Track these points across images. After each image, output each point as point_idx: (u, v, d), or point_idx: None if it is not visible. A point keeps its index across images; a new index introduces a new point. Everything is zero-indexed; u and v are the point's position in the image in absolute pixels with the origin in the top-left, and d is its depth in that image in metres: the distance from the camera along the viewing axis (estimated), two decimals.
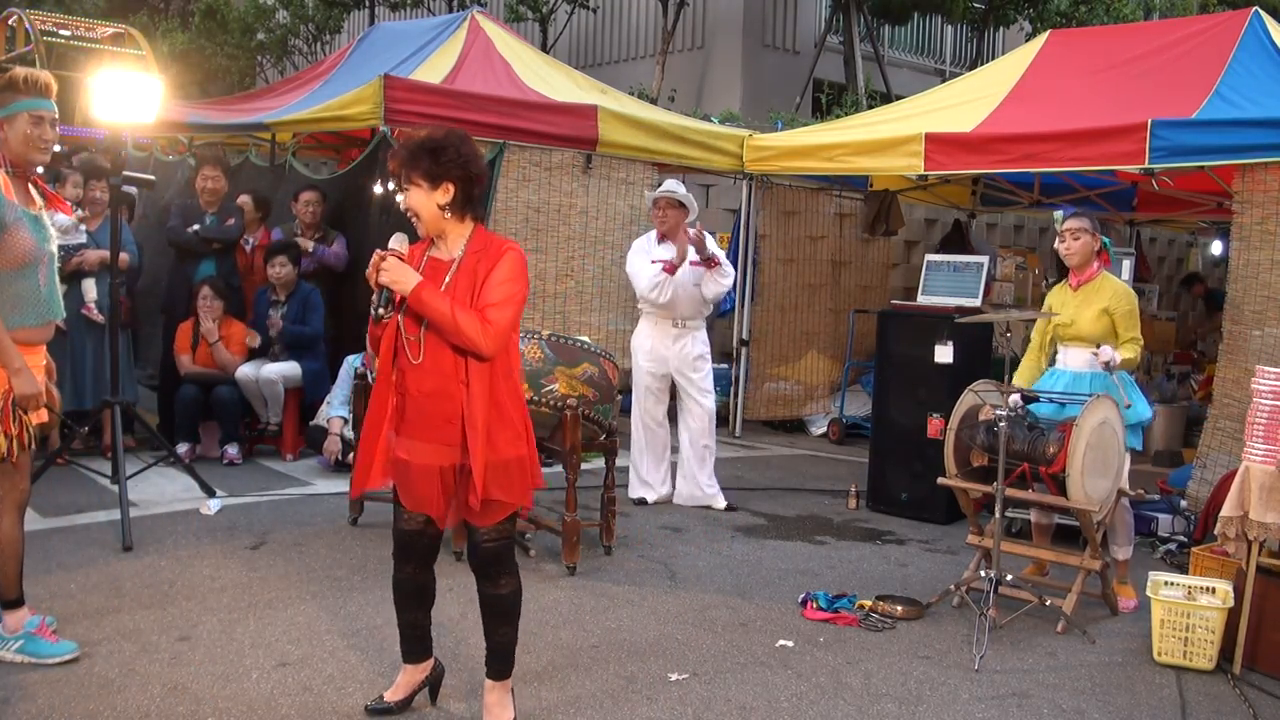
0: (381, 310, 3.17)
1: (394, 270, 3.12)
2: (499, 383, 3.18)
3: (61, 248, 6.44)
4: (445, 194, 3.15)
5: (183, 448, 6.73)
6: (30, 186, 3.72)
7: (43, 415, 3.74)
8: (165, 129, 8.81)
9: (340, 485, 6.26)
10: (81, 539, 5.19)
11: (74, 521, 5.48)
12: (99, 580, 4.61)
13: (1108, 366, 4.74)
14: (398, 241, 3.23)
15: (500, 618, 3.35)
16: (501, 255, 3.18)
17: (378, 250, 3.19)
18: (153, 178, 7.72)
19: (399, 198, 3.27)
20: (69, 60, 8.61)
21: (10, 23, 8.20)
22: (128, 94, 5.32)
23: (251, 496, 6.20)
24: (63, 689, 3.53)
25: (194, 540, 5.29)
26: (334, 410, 6.80)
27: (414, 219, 3.20)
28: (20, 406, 3.57)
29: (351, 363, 6.80)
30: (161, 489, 6.16)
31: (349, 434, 6.56)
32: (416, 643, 3.50)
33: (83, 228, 6.56)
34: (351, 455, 5.89)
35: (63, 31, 8.02)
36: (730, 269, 6.40)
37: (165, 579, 4.67)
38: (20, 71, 3.65)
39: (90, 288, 6.53)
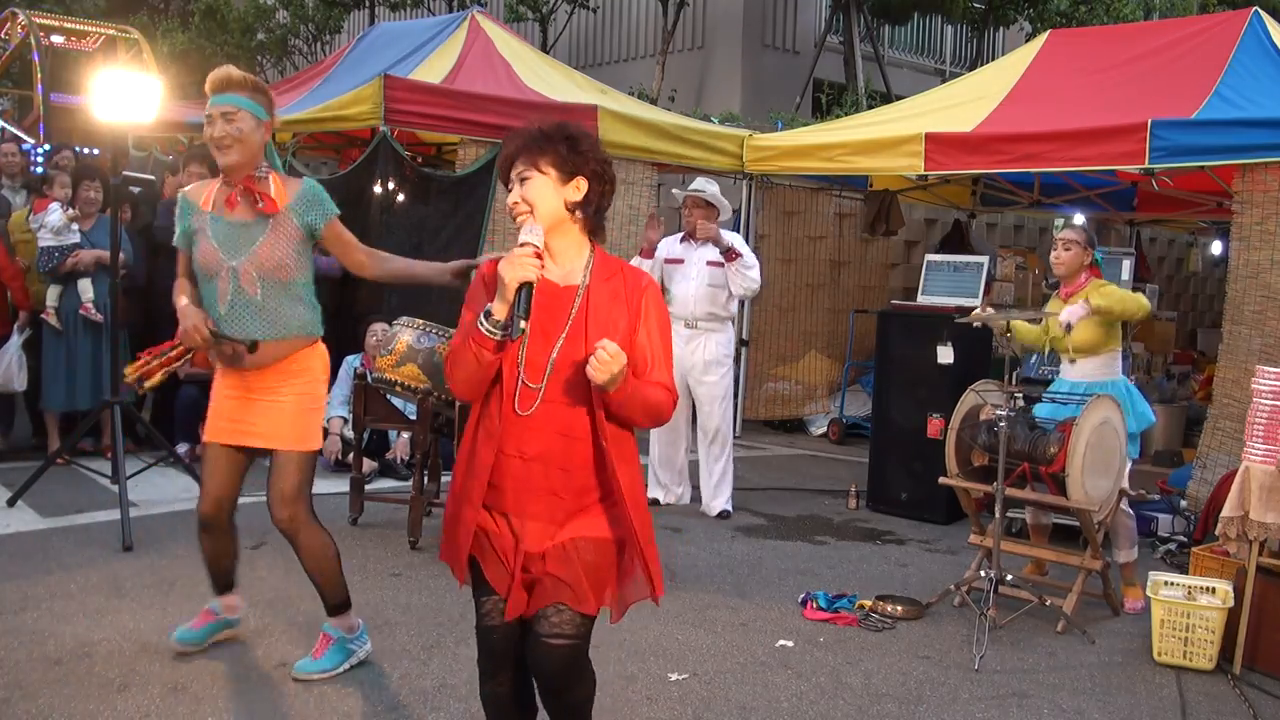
0: (524, 324, 2.42)
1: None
2: (630, 441, 2.58)
3: (56, 249, 6.49)
4: (577, 190, 2.51)
5: (183, 448, 6.73)
6: (243, 192, 3.51)
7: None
8: (165, 129, 8.81)
9: (340, 485, 6.26)
10: (81, 539, 5.19)
11: (74, 521, 5.47)
12: (99, 580, 4.60)
13: (1069, 329, 4.76)
14: (532, 233, 2.46)
15: None
16: (644, 291, 2.54)
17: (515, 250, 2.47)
18: (153, 178, 7.77)
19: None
20: (68, 60, 8.62)
21: (9, 23, 8.21)
22: (127, 94, 5.31)
23: (251, 496, 6.17)
24: (63, 689, 3.53)
25: (194, 540, 5.24)
26: (333, 410, 6.79)
27: (521, 217, 2.50)
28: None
29: (350, 363, 6.81)
30: (161, 489, 6.16)
31: (348, 434, 6.57)
32: None
33: (75, 227, 6.56)
34: (351, 455, 5.90)
35: (57, 36, 8.03)
36: (753, 259, 6.23)
37: (165, 579, 4.67)
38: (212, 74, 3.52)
39: (86, 287, 6.55)
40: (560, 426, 2.47)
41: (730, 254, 6.11)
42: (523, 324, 2.42)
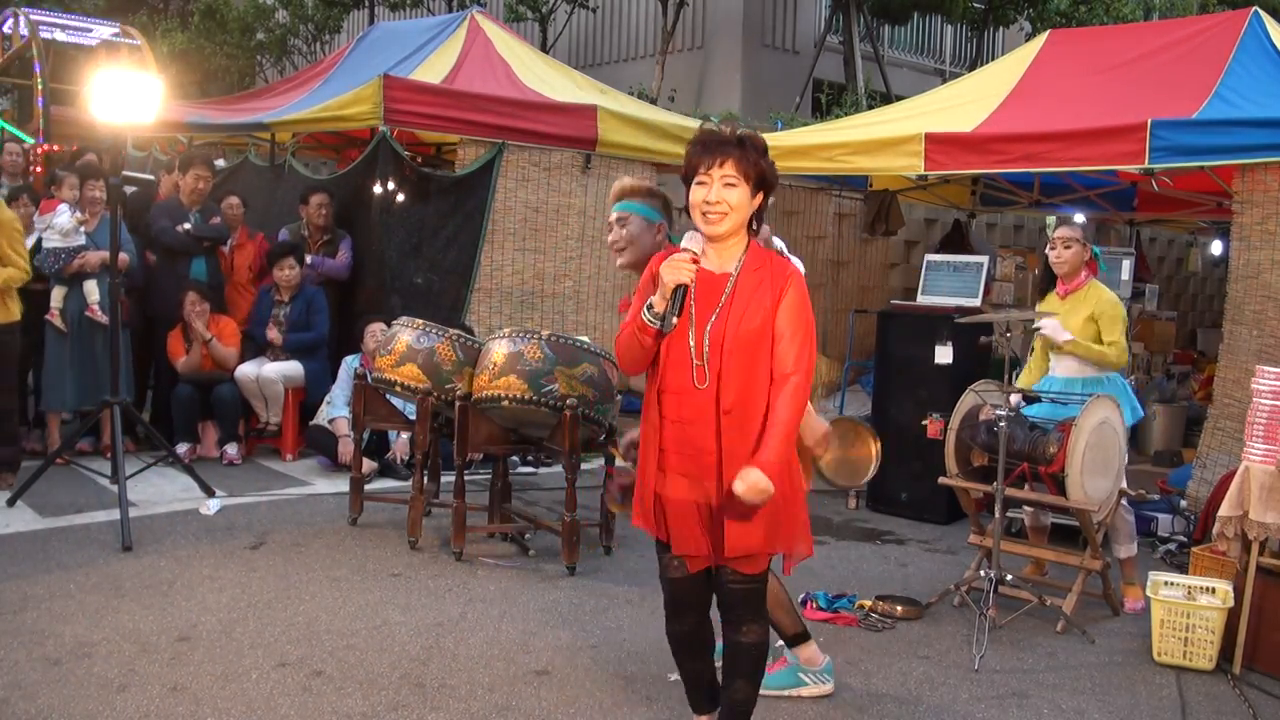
0: (675, 319, 2.80)
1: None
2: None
3: (63, 250, 6.49)
4: (757, 203, 2.87)
5: (182, 448, 6.74)
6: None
7: None
8: (165, 129, 8.81)
9: (340, 485, 6.26)
10: (81, 539, 5.19)
11: (74, 521, 5.48)
12: (99, 580, 4.61)
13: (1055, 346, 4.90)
14: (693, 240, 2.86)
15: (739, 671, 3.01)
16: (787, 280, 2.84)
17: (671, 257, 2.80)
18: (152, 178, 7.77)
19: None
20: (68, 60, 8.62)
21: (9, 22, 8.21)
22: (127, 94, 5.31)
23: (251, 496, 6.20)
24: (62, 689, 3.53)
25: (194, 540, 5.29)
26: (336, 410, 6.80)
27: (716, 216, 2.80)
28: None
29: (350, 363, 6.81)
30: (161, 489, 6.16)
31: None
32: (704, 692, 3.19)
33: (82, 229, 6.56)
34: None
35: (61, 33, 8.03)
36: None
37: (165, 579, 4.67)
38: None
39: (92, 289, 6.56)
40: (712, 395, 2.80)
41: None
42: (674, 319, 2.80)
